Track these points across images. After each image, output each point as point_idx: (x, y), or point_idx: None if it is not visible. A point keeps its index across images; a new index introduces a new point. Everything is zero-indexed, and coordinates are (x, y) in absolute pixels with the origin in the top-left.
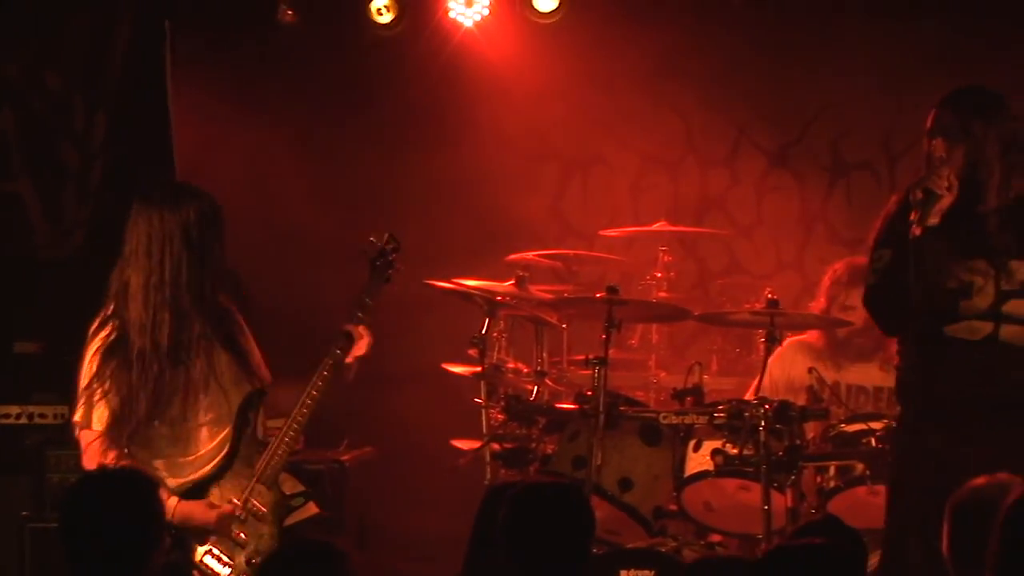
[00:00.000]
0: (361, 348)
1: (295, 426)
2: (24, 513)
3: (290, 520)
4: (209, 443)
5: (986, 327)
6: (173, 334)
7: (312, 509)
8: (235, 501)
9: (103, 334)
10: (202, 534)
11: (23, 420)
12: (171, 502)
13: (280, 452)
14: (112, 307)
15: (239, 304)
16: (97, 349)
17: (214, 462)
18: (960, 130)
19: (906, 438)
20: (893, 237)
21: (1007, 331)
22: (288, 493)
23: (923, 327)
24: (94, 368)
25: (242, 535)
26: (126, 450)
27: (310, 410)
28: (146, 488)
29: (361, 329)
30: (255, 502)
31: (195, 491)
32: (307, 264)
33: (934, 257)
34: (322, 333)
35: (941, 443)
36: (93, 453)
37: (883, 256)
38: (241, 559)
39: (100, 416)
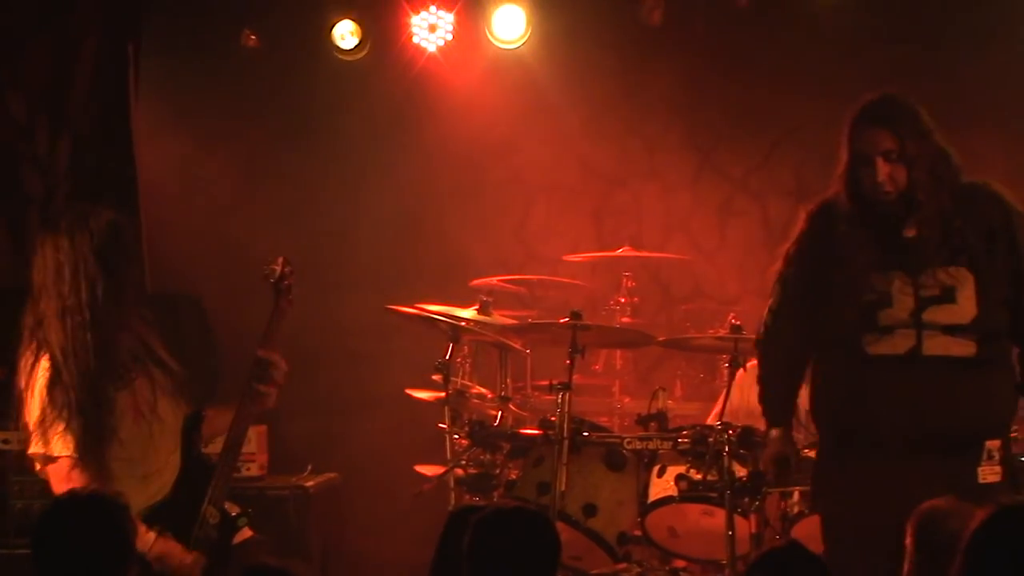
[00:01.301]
0: (279, 375)
1: (233, 450)
2: None
3: (237, 539)
4: (163, 466)
5: (908, 338)
6: (100, 355)
7: (247, 532)
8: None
9: (42, 365)
10: (172, 573)
11: None
12: (149, 536)
13: (225, 473)
14: (30, 340)
15: (200, 329)
16: (40, 383)
17: (165, 489)
18: (900, 148)
19: (830, 469)
20: (794, 265)
21: (930, 344)
22: (232, 514)
23: (843, 344)
24: (43, 400)
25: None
26: (96, 475)
27: (243, 435)
28: (117, 512)
29: (275, 355)
30: (208, 523)
31: (153, 516)
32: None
33: (852, 271)
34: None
35: (867, 475)
36: (67, 481)
37: (775, 294)
38: None
39: (63, 443)
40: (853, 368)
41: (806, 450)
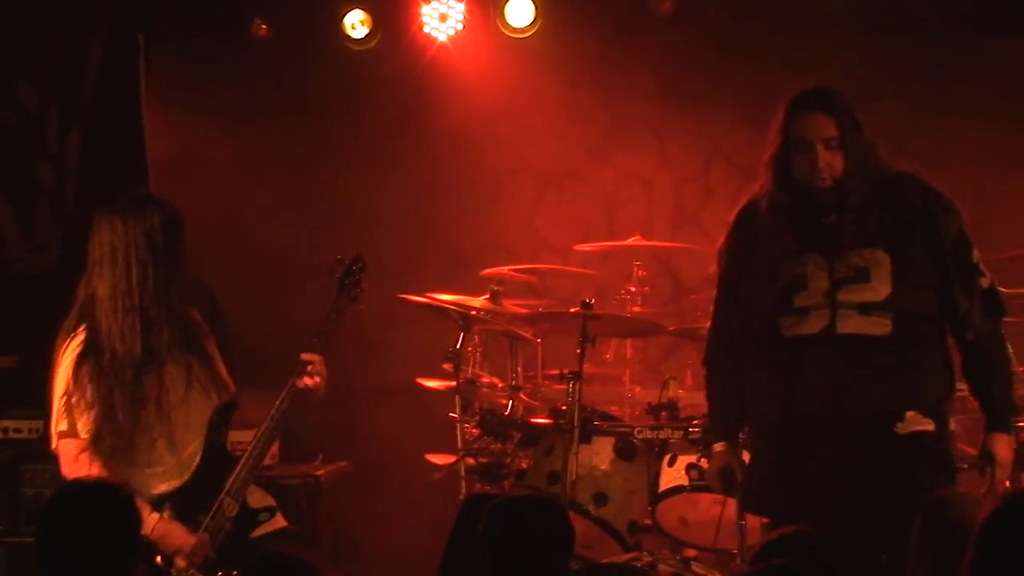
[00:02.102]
0: (317, 379)
1: (263, 443)
2: None
3: (256, 533)
4: (182, 454)
5: (822, 319)
6: (143, 341)
7: (280, 522)
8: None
9: (74, 344)
10: (173, 555)
11: None
12: (151, 517)
13: (249, 466)
14: (79, 317)
15: (213, 316)
16: (71, 358)
17: (186, 474)
18: (840, 137)
19: (755, 461)
20: (723, 263)
21: (844, 324)
22: (255, 507)
23: (761, 330)
24: (70, 377)
25: (211, 552)
26: (111, 460)
27: (275, 432)
28: (122, 501)
29: (317, 358)
30: (224, 514)
31: (167, 503)
32: (278, 278)
33: (769, 257)
34: (294, 347)
35: (788, 460)
36: (76, 462)
37: (715, 300)
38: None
39: (84, 424)
40: (770, 352)
41: None
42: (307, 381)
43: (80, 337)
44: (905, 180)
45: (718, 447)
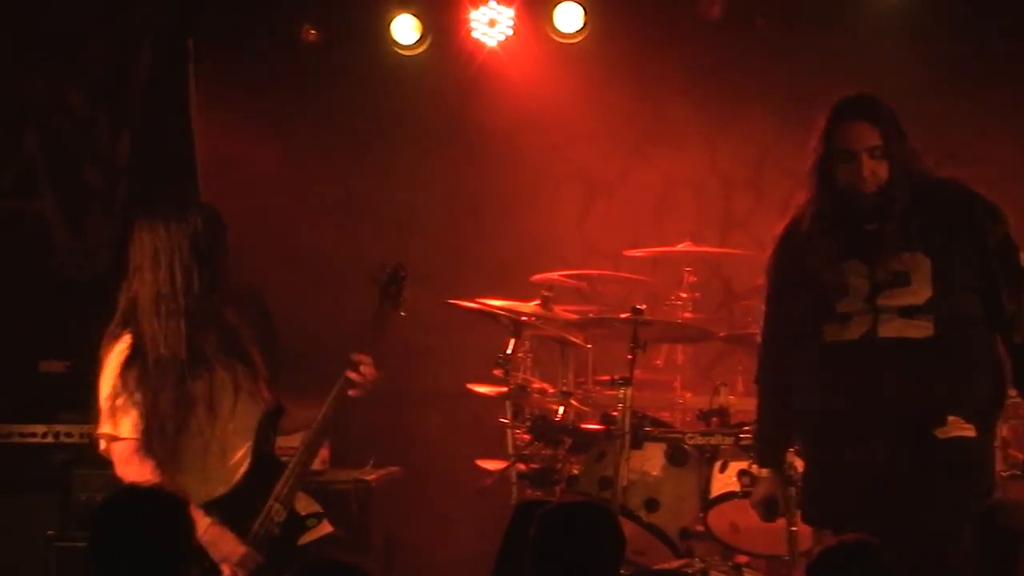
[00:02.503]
0: (367, 374)
1: (311, 448)
2: (50, 532)
3: (304, 539)
4: (230, 460)
5: (863, 324)
6: (189, 344)
7: (326, 528)
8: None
9: (118, 347)
10: (220, 562)
11: (49, 439)
12: (204, 521)
13: (297, 472)
14: (123, 322)
15: (262, 321)
16: (117, 362)
17: (234, 480)
18: (885, 145)
19: (807, 471)
20: (770, 277)
21: (885, 328)
22: (303, 513)
23: (805, 339)
24: (115, 379)
25: (260, 557)
26: (158, 460)
27: (323, 437)
28: (176, 506)
29: (367, 359)
30: (273, 520)
31: (215, 509)
32: (325, 284)
33: (812, 266)
34: (339, 353)
35: (834, 467)
36: (130, 463)
37: (764, 315)
38: None
39: (131, 425)
40: (812, 359)
41: None
42: (355, 377)
43: (125, 341)
44: (948, 185)
45: (764, 473)
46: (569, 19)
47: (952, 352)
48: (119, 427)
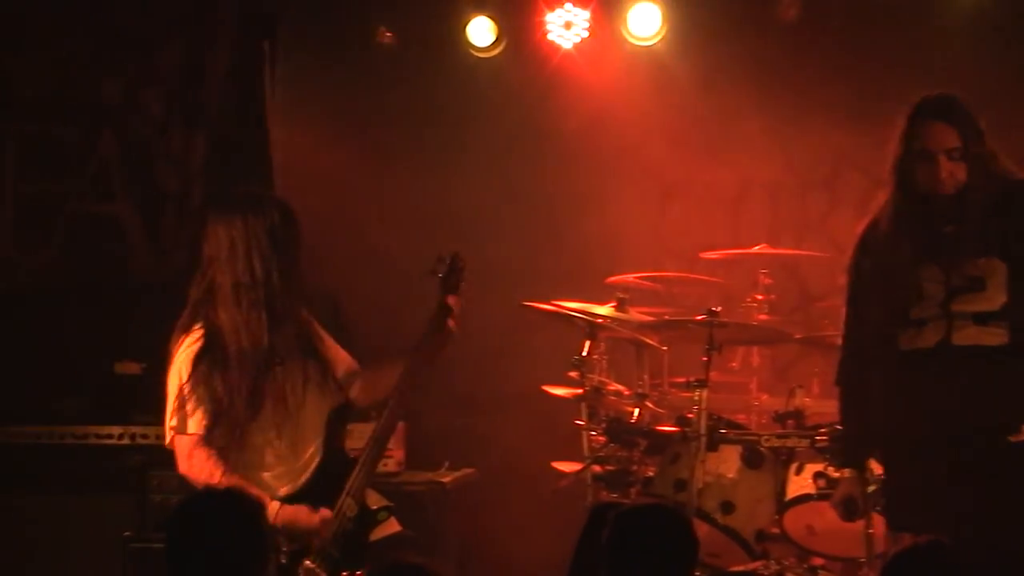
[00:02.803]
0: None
1: (380, 444)
2: (126, 533)
3: (375, 535)
4: (302, 455)
5: (938, 331)
6: (270, 335)
7: (394, 526)
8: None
9: (190, 340)
10: (302, 539)
11: (124, 440)
12: (273, 505)
13: (367, 467)
14: (194, 315)
15: (336, 324)
16: (188, 355)
17: (306, 475)
18: (963, 147)
19: (888, 477)
20: (851, 277)
21: (960, 335)
22: (373, 507)
23: (880, 344)
24: (185, 374)
25: (335, 552)
26: (226, 458)
27: (390, 431)
28: (251, 507)
29: (454, 300)
30: (345, 515)
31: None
32: (400, 286)
33: (888, 269)
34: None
35: (912, 477)
36: (191, 458)
37: (845, 316)
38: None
39: (197, 420)
40: (889, 366)
41: None
42: (451, 323)
43: (197, 334)
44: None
45: (845, 473)
46: (645, 21)
47: None
48: (185, 422)
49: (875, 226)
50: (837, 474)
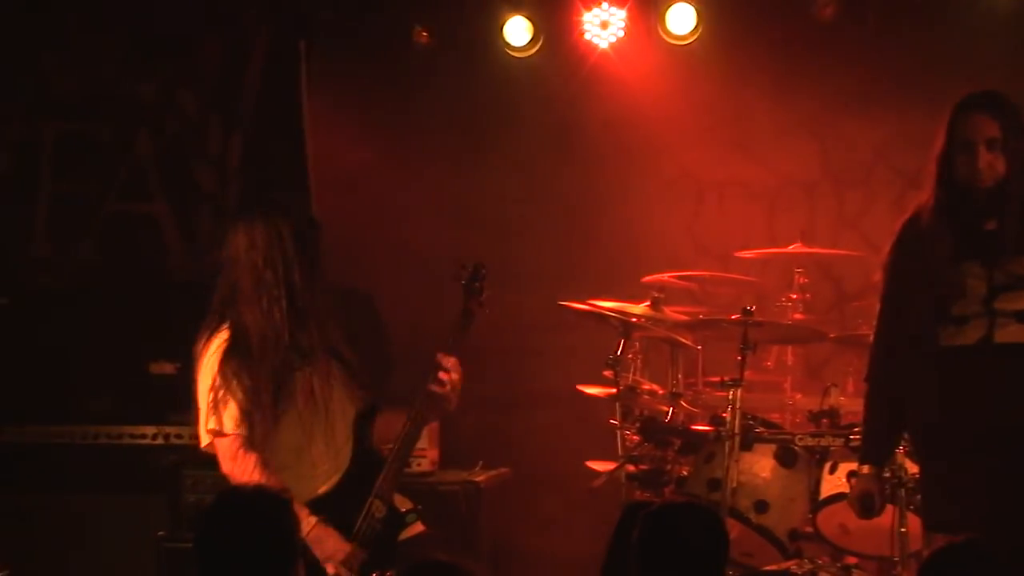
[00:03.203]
0: (453, 377)
1: (408, 445)
2: (160, 533)
3: (404, 534)
4: (332, 456)
5: (980, 328)
6: (291, 333)
7: (419, 527)
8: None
9: (216, 341)
10: (324, 561)
11: (159, 441)
12: (309, 520)
13: (396, 468)
14: (220, 315)
15: (371, 323)
16: (217, 355)
17: (337, 476)
18: (1003, 139)
19: (925, 477)
20: (888, 274)
21: (1002, 332)
22: (401, 509)
23: (918, 340)
24: (214, 373)
25: (364, 554)
26: (266, 459)
27: (417, 433)
28: (280, 507)
29: (453, 360)
30: (374, 516)
31: (318, 505)
32: (436, 286)
33: (929, 264)
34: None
35: (950, 474)
36: (235, 459)
37: (879, 313)
38: None
39: (231, 418)
40: (927, 363)
41: None
42: (442, 377)
43: (224, 334)
44: None
45: (864, 470)
46: (681, 20)
47: None
48: (223, 422)
49: (915, 222)
50: (859, 471)
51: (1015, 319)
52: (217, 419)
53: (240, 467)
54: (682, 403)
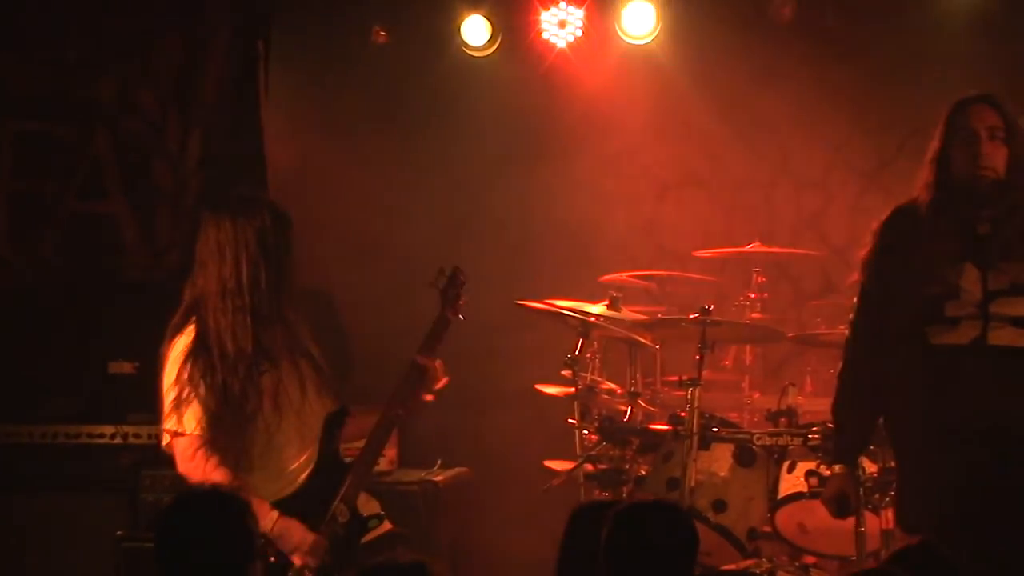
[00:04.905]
0: (439, 382)
1: (374, 450)
2: (118, 532)
3: (367, 538)
4: (297, 459)
5: (973, 328)
6: (255, 340)
7: (387, 526)
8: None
9: (183, 341)
10: (291, 553)
11: (117, 440)
12: (271, 515)
13: (361, 472)
14: (186, 316)
15: (333, 328)
16: (181, 355)
17: (300, 479)
18: (1006, 129)
19: (905, 476)
20: (869, 272)
21: (996, 335)
22: (365, 514)
23: (907, 338)
24: (177, 373)
25: (326, 557)
26: (225, 460)
27: (385, 438)
28: (237, 506)
29: (438, 364)
30: (337, 520)
31: (281, 507)
32: (393, 284)
33: (922, 262)
34: (407, 352)
35: (936, 471)
36: (193, 459)
37: (855, 309)
38: None
39: (193, 418)
40: (915, 360)
41: None
42: (436, 386)
43: (190, 334)
44: None
45: (837, 469)
46: (639, 20)
47: None
48: (183, 422)
49: (901, 221)
50: (829, 472)
51: (1010, 323)
52: (178, 419)
53: (197, 468)
54: (640, 402)
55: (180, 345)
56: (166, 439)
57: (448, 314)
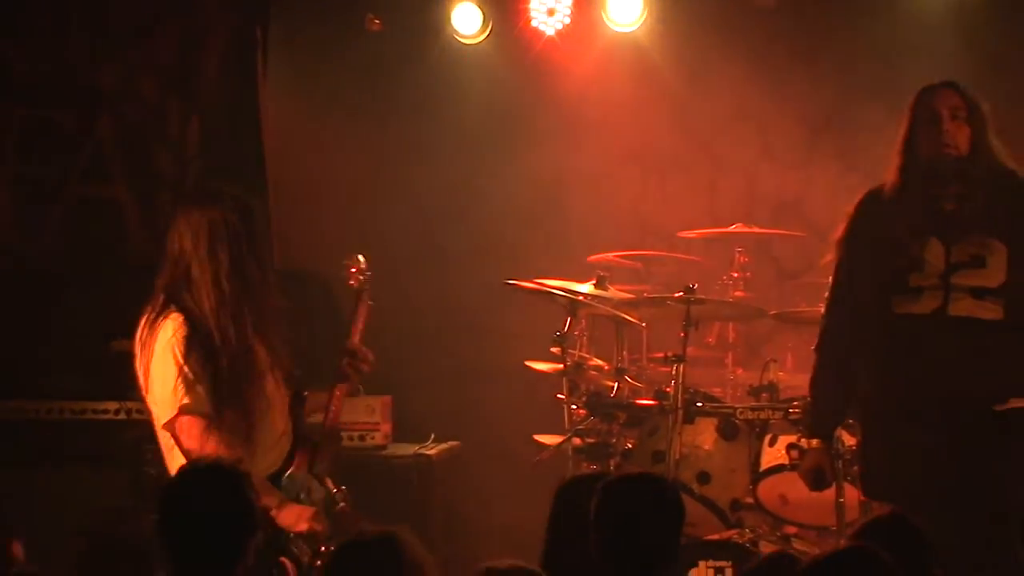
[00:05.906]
0: (365, 365)
1: (336, 428)
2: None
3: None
4: (277, 437)
5: (935, 299)
6: (235, 324)
7: (344, 507)
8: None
9: (171, 325)
10: (292, 526)
11: (121, 416)
12: (276, 492)
13: (330, 450)
14: (167, 307)
15: (330, 307)
16: (175, 341)
17: (282, 457)
18: (967, 109)
19: (867, 445)
20: (842, 249)
21: (956, 305)
22: (333, 490)
23: (873, 308)
24: (180, 357)
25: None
26: (231, 437)
27: (339, 414)
28: (237, 480)
29: (360, 346)
30: (310, 497)
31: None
32: (388, 268)
33: (889, 237)
34: (397, 333)
35: (900, 441)
36: (202, 437)
37: (830, 287)
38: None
39: (205, 399)
40: (880, 329)
41: None
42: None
43: (178, 321)
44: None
45: (814, 443)
46: (626, 7)
47: (1019, 338)
48: (191, 403)
49: (873, 200)
50: (808, 445)
51: (970, 294)
52: (193, 397)
53: (207, 446)
54: (627, 378)
55: (168, 331)
56: (168, 416)
57: (360, 306)
